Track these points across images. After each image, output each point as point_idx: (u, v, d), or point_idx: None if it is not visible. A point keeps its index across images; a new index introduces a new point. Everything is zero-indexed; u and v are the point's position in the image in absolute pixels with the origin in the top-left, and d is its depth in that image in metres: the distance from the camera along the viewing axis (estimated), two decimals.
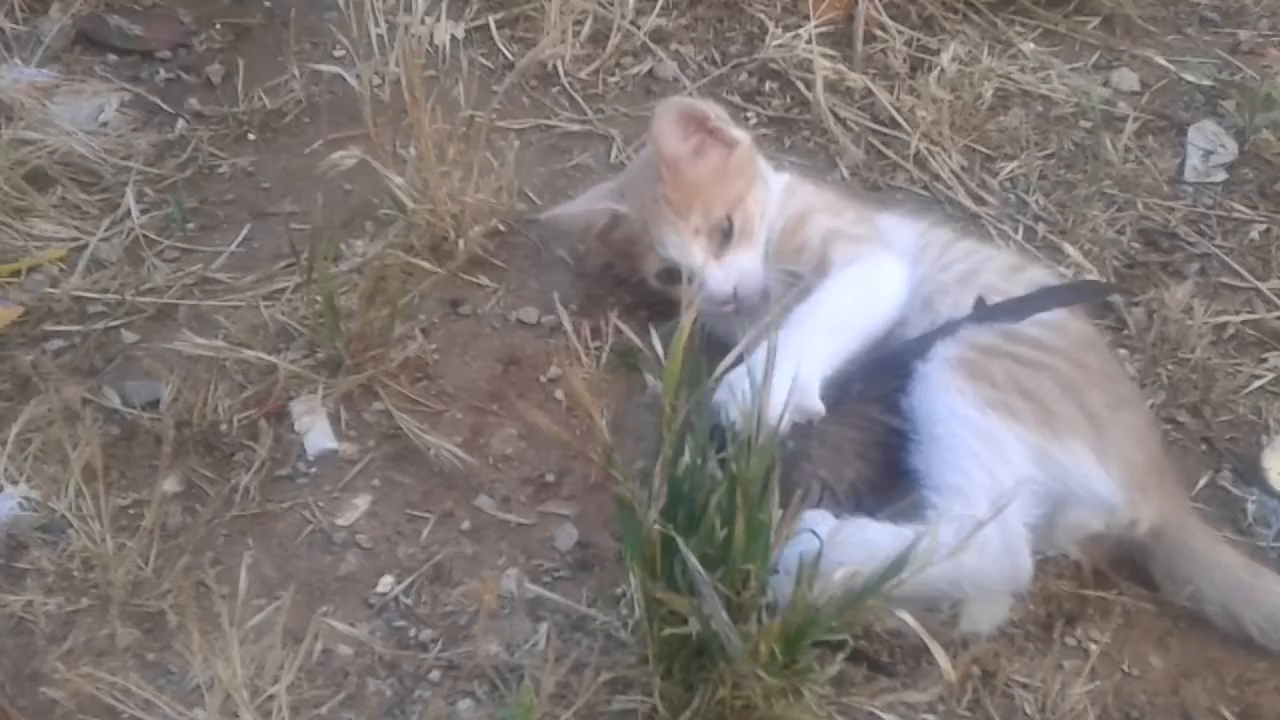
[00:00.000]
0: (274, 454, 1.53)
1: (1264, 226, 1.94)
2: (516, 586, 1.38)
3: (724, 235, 1.62)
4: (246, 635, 1.26)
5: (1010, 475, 1.32)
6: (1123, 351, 1.73)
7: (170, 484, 1.49)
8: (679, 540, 1.11)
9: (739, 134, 1.70)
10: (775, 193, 1.69)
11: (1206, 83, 2.19)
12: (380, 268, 1.67)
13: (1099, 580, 1.43)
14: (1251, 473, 1.60)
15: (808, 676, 1.15)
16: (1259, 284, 1.85)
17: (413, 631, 1.36)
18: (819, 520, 1.28)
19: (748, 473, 1.15)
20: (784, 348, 1.24)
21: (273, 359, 1.61)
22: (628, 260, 1.72)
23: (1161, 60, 2.25)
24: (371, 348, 1.62)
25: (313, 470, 1.53)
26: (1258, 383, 1.71)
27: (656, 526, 1.14)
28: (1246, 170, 2.04)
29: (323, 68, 1.95)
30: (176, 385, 1.58)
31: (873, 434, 1.43)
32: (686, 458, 1.17)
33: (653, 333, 1.28)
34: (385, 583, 1.41)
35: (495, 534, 1.46)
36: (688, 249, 1.61)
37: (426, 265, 1.75)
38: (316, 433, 1.56)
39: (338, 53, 2.16)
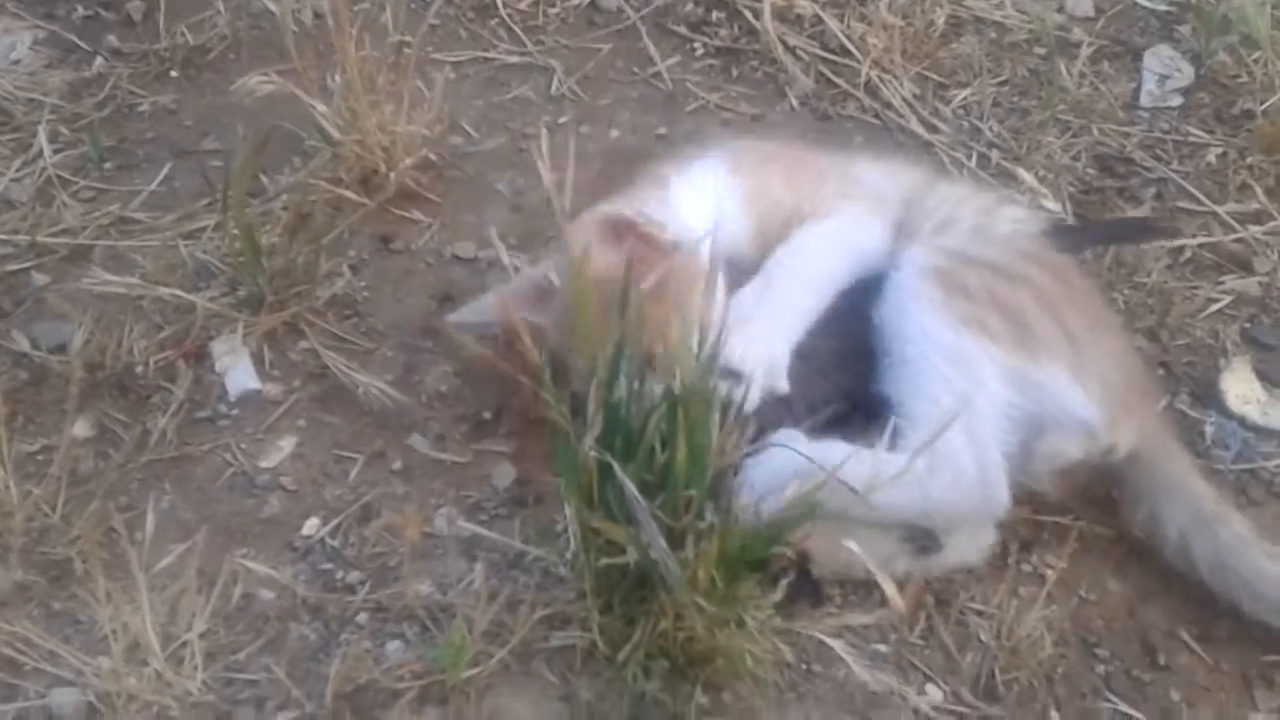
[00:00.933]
0: (193, 396, 1.45)
1: (1220, 150, 1.90)
2: (449, 525, 1.32)
3: None
4: (158, 580, 1.19)
5: (985, 400, 1.25)
6: None
7: (81, 428, 1.41)
8: (615, 466, 1.05)
9: (674, 237, 1.40)
10: (714, 203, 1.45)
11: (1162, 7, 2.14)
12: (304, 201, 1.59)
13: (1055, 506, 1.39)
14: (1209, 396, 1.56)
15: (750, 604, 1.10)
16: (1215, 207, 1.81)
17: (339, 574, 1.29)
18: (792, 439, 1.23)
19: (688, 391, 1.09)
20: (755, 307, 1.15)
21: (191, 297, 1.53)
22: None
23: None
24: (296, 284, 1.54)
25: (234, 412, 1.45)
26: (1214, 306, 1.67)
27: (592, 453, 1.07)
28: (1203, 95, 2.00)
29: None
30: (89, 326, 1.49)
31: (851, 344, 1.35)
32: (622, 382, 1.10)
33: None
34: (310, 525, 1.33)
35: (428, 473, 1.40)
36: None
37: (354, 198, 1.67)
38: (238, 372, 1.48)
39: None
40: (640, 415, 1.10)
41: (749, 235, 1.45)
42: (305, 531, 1.33)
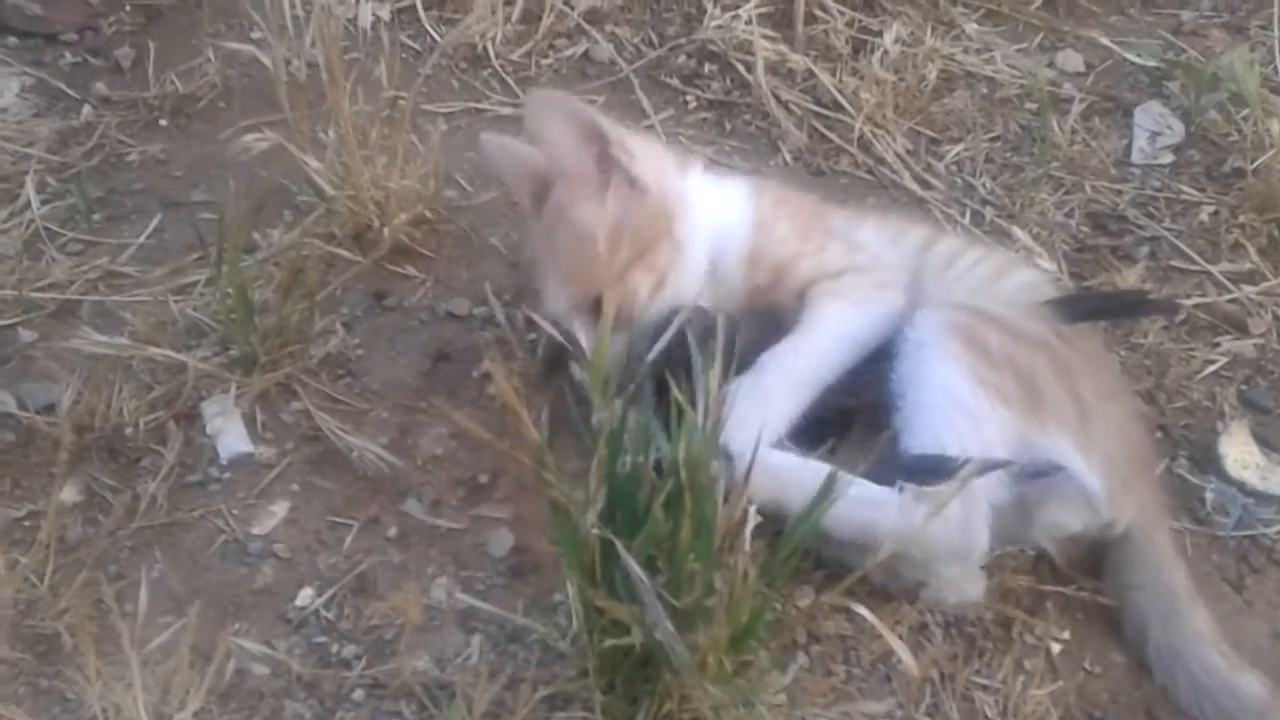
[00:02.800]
0: (184, 459, 1.43)
1: (1213, 209, 1.91)
2: (447, 596, 1.29)
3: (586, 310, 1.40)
4: (150, 656, 1.15)
5: (983, 452, 1.25)
6: None
7: (69, 493, 1.38)
8: (618, 544, 1.03)
9: (645, 174, 1.42)
10: (732, 239, 1.46)
11: (1152, 64, 2.16)
12: (297, 258, 1.57)
13: (1056, 574, 1.38)
14: (1208, 460, 1.56)
15: (759, 686, 1.08)
16: (1209, 267, 1.82)
17: (334, 648, 1.26)
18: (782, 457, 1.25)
19: (693, 464, 1.07)
20: (746, 403, 1.17)
21: (182, 357, 1.50)
22: None
23: (1106, 41, 2.22)
24: (289, 344, 1.52)
25: (226, 475, 1.42)
26: (1211, 368, 1.67)
27: (594, 530, 1.05)
28: (1193, 152, 2.01)
29: (238, 46, 1.83)
30: (77, 387, 1.46)
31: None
32: (625, 456, 1.08)
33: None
34: (304, 596, 1.30)
35: (424, 541, 1.37)
36: (557, 303, 1.41)
37: (348, 255, 1.65)
38: (230, 435, 1.45)
39: (255, 34, 2.04)
40: (643, 492, 1.08)
41: (742, 264, 1.45)
42: (299, 602, 1.30)
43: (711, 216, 1.47)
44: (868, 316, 1.41)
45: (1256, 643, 1.37)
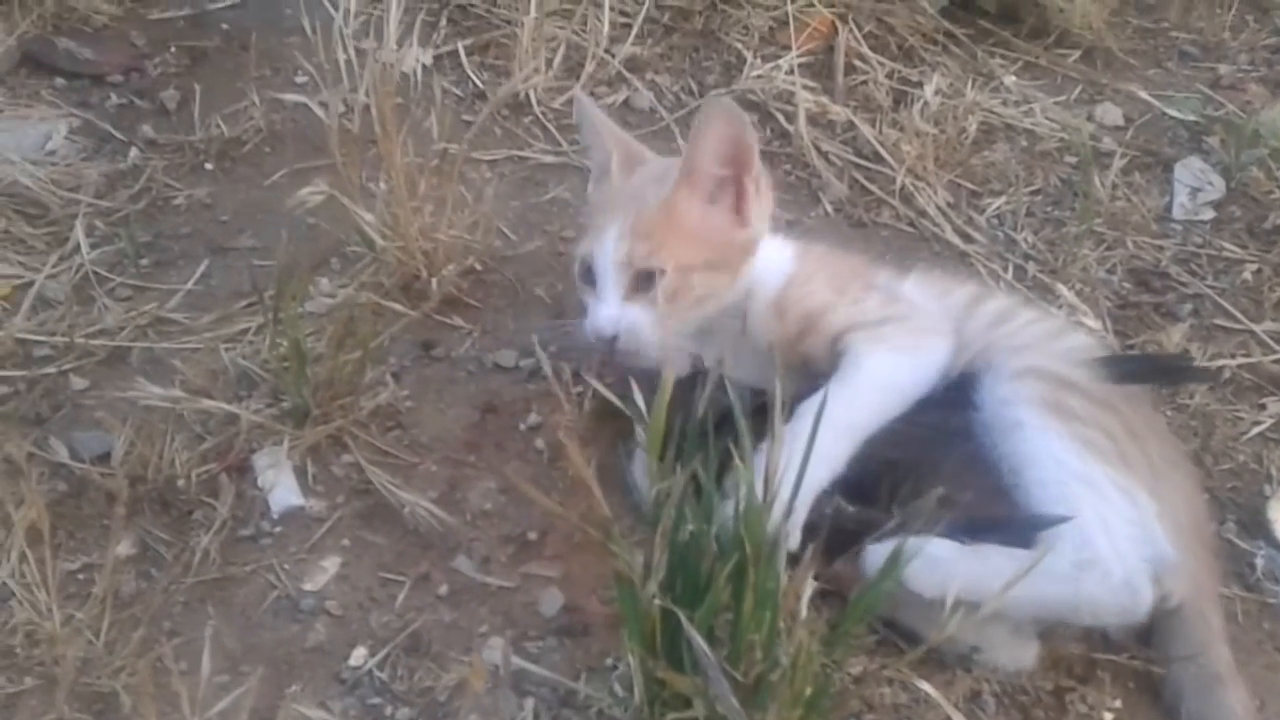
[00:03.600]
0: (235, 512, 1.43)
1: (1255, 267, 1.91)
2: (501, 659, 1.29)
3: (648, 284, 1.42)
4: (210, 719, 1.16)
5: (1114, 511, 1.29)
6: None
7: (124, 547, 1.38)
8: (682, 615, 1.03)
9: (759, 221, 1.49)
10: (768, 284, 1.48)
11: (1191, 118, 2.16)
12: (350, 308, 1.58)
13: (1108, 642, 1.37)
14: (1256, 524, 1.55)
15: None
16: (1253, 326, 1.82)
17: (389, 710, 1.26)
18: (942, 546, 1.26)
19: (756, 536, 1.07)
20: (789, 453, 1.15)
21: (234, 408, 1.51)
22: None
23: (1144, 95, 2.23)
24: (340, 395, 1.53)
25: (277, 529, 1.43)
26: (1257, 429, 1.67)
27: (656, 601, 1.05)
28: (1234, 208, 2.02)
29: (286, 97, 1.85)
30: (129, 437, 1.47)
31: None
32: (688, 525, 1.08)
33: (634, 388, 1.20)
34: (358, 655, 1.30)
35: (475, 599, 1.37)
36: (604, 267, 1.43)
37: (398, 307, 1.66)
38: (282, 488, 1.45)
39: (300, 79, 2.07)
40: (705, 561, 1.09)
41: (769, 310, 1.46)
42: (353, 662, 1.30)
43: (758, 265, 1.50)
44: (909, 363, 1.41)
45: None
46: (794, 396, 1.32)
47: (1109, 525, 1.28)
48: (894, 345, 1.42)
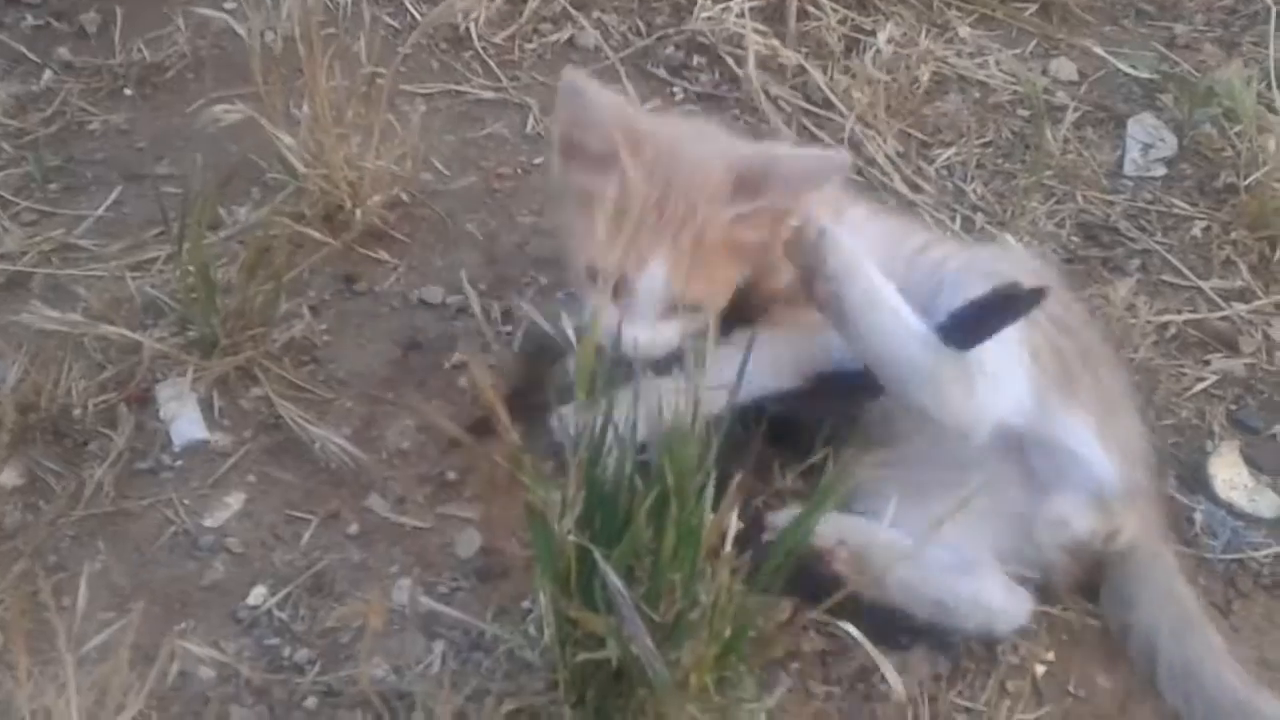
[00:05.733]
0: (134, 444, 1.35)
1: (1205, 224, 1.87)
2: (409, 599, 1.22)
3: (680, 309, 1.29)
4: (87, 656, 1.08)
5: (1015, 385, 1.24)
6: None
7: (8, 476, 1.30)
8: (596, 554, 0.97)
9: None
10: None
11: (1145, 75, 2.12)
12: (264, 237, 1.50)
13: (1044, 594, 1.33)
14: (1197, 480, 1.52)
15: (743, 707, 1.02)
16: (1200, 283, 1.78)
17: (287, 651, 1.19)
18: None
19: (681, 467, 1.01)
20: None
21: (137, 336, 1.42)
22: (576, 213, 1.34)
23: (1099, 50, 2.18)
24: (251, 326, 1.45)
25: (178, 463, 1.35)
26: (1200, 385, 1.64)
27: (571, 537, 0.99)
28: (1185, 166, 1.98)
29: (209, 12, 1.75)
30: (23, 363, 1.38)
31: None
32: (610, 458, 1.02)
33: (564, 318, 1.13)
34: (257, 594, 1.23)
35: (386, 539, 1.30)
36: (649, 298, 1.28)
37: (317, 236, 1.57)
38: (184, 420, 1.38)
39: (229, 4, 1.97)
40: (624, 497, 1.02)
41: None
42: (251, 601, 1.23)
43: None
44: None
45: (1244, 669, 1.32)
46: None
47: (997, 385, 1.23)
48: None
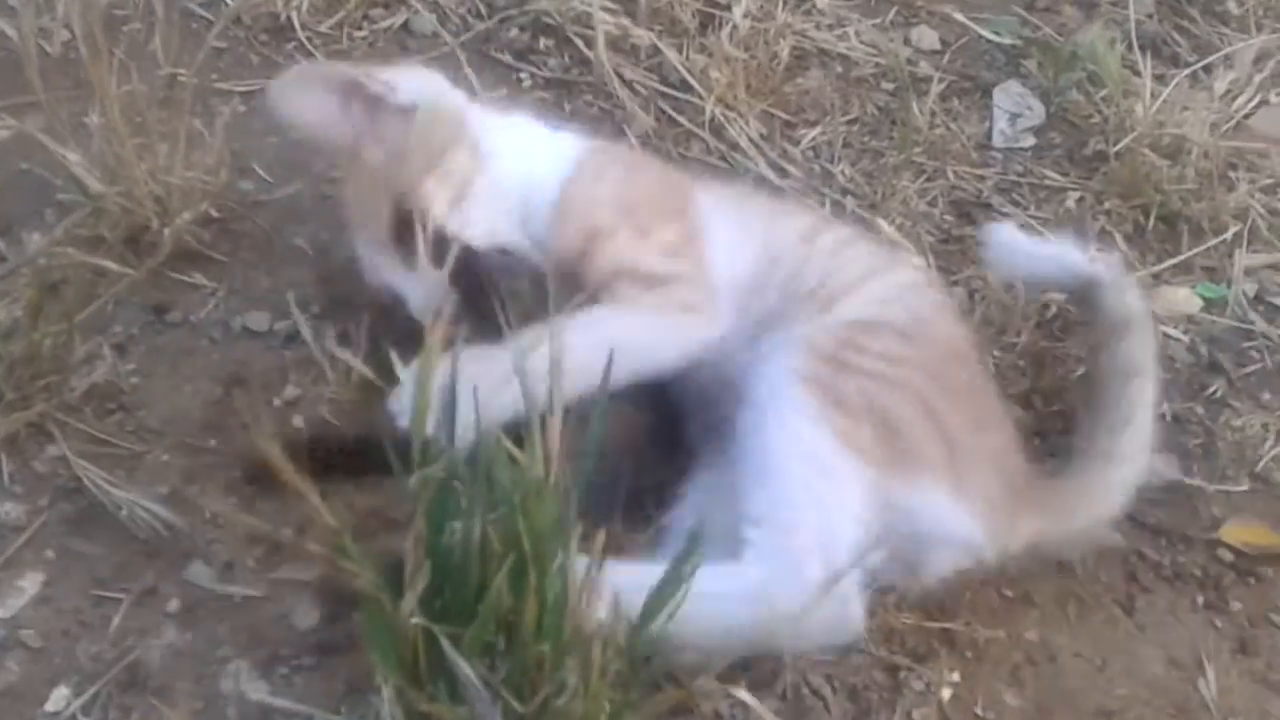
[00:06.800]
0: None
1: (1078, 194, 1.82)
2: (237, 685, 1.06)
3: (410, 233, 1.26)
4: None
5: (847, 519, 1.12)
6: None
7: None
8: (443, 638, 0.83)
9: (405, 94, 1.30)
10: (548, 183, 1.31)
11: (1009, 41, 2.06)
12: (53, 269, 1.31)
13: (942, 611, 1.25)
14: None
15: None
16: None
17: None
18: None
19: (538, 530, 0.88)
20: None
21: None
22: None
23: (960, 17, 2.11)
24: (43, 374, 1.26)
25: None
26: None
27: (414, 620, 0.85)
28: (1054, 134, 1.92)
29: None
30: None
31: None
32: (455, 523, 0.88)
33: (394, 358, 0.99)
34: (58, 697, 1.06)
35: (213, 615, 1.14)
36: (381, 267, 1.29)
37: (115, 267, 1.38)
38: None
39: (10, 0, 1.74)
40: (473, 562, 0.89)
41: (550, 213, 1.29)
42: (51, 707, 1.05)
43: (524, 151, 1.34)
44: (669, 337, 1.24)
45: (1152, 671, 1.27)
46: None
47: (830, 527, 1.12)
48: (659, 311, 1.24)
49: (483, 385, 0.98)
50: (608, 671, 0.87)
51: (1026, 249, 1.49)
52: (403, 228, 1.26)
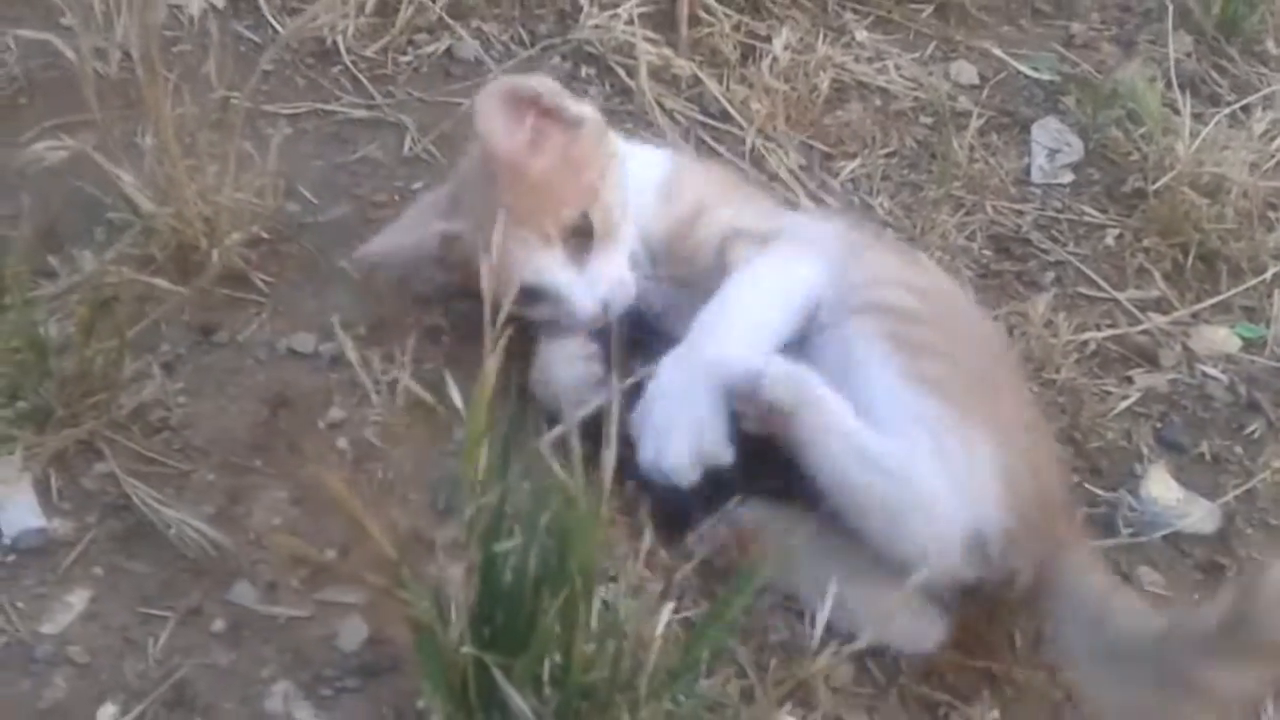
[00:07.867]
0: None
1: (1116, 231, 1.82)
2: (284, 704, 1.07)
3: (582, 240, 1.34)
4: None
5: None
6: None
7: None
8: (494, 668, 0.84)
9: (582, 110, 1.40)
10: (651, 176, 1.44)
11: (1047, 77, 2.07)
12: (105, 287, 1.32)
13: (986, 647, 1.24)
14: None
15: None
16: (1117, 294, 1.73)
17: None
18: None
19: (585, 560, 0.88)
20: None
21: None
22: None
23: (998, 52, 2.12)
24: (93, 392, 1.27)
25: (10, 558, 1.17)
26: (1125, 403, 1.58)
27: (464, 649, 0.85)
28: (1093, 170, 1.93)
29: (29, 33, 1.56)
30: None
31: None
32: (508, 548, 0.89)
33: (448, 379, 1.00)
34: (106, 715, 1.06)
35: (258, 635, 1.14)
36: (543, 265, 1.33)
37: (166, 285, 1.40)
38: (17, 507, 1.20)
39: (66, 20, 1.77)
40: (529, 590, 0.89)
41: (660, 193, 1.43)
42: None
43: (629, 159, 1.45)
44: (792, 263, 1.36)
45: None
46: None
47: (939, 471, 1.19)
48: (781, 259, 1.36)
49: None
50: (660, 704, 0.87)
51: None
52: (579, 232, 1.33)
